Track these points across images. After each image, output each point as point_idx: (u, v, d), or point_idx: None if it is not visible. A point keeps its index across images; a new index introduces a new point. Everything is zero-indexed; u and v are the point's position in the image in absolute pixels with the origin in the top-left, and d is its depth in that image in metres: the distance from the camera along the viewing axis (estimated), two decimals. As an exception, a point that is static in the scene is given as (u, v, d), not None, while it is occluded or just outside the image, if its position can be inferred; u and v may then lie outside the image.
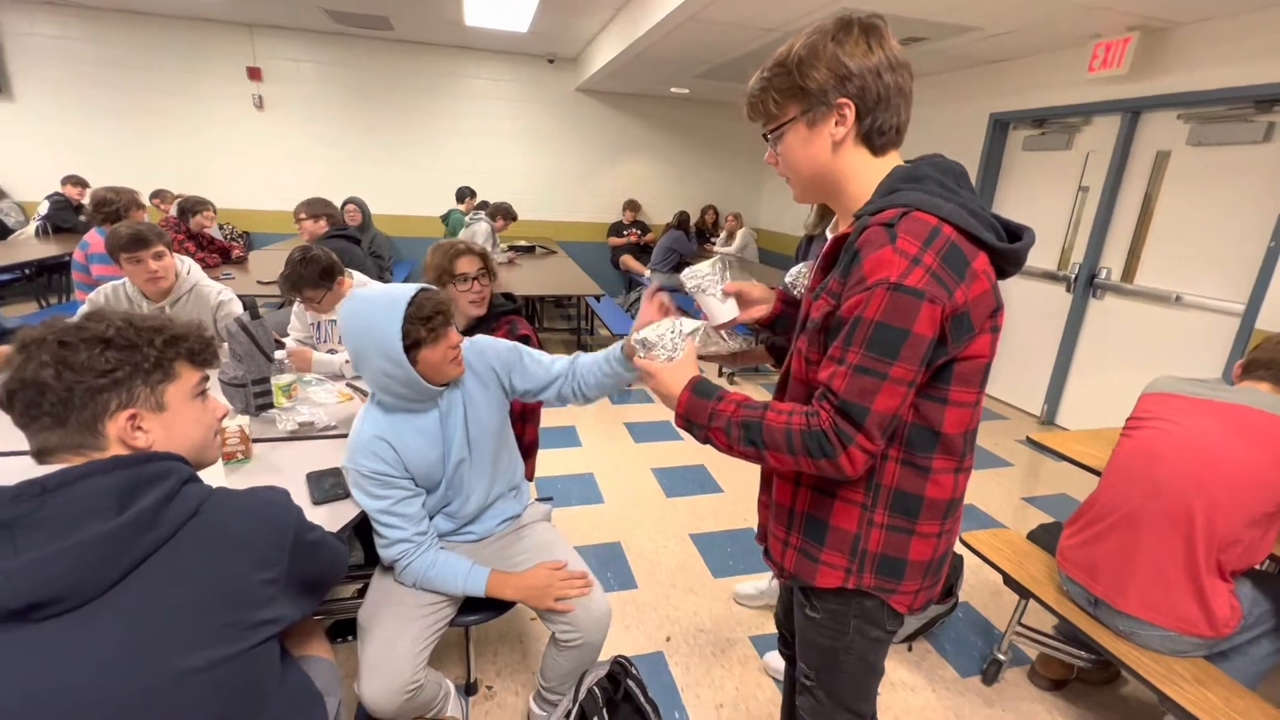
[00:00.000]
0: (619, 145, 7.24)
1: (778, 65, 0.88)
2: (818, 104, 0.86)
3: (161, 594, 0.71)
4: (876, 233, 0.80)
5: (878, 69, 0.83)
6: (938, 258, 0.78)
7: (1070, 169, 4.03)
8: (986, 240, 0.83)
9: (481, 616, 1.50)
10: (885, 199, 0.84)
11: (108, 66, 5.67)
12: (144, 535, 0.71)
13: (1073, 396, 4.07)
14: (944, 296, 0.78)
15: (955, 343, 0.82)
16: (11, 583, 0.64)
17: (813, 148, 0.89)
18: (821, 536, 0.96)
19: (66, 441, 0.77)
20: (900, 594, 0.96)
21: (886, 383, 0.79)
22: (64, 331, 0.77)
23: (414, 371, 1.25)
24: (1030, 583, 1.74)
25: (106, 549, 0.69)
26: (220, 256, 4.42)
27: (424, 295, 1.26)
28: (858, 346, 0.80)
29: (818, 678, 1.08)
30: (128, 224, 2.08)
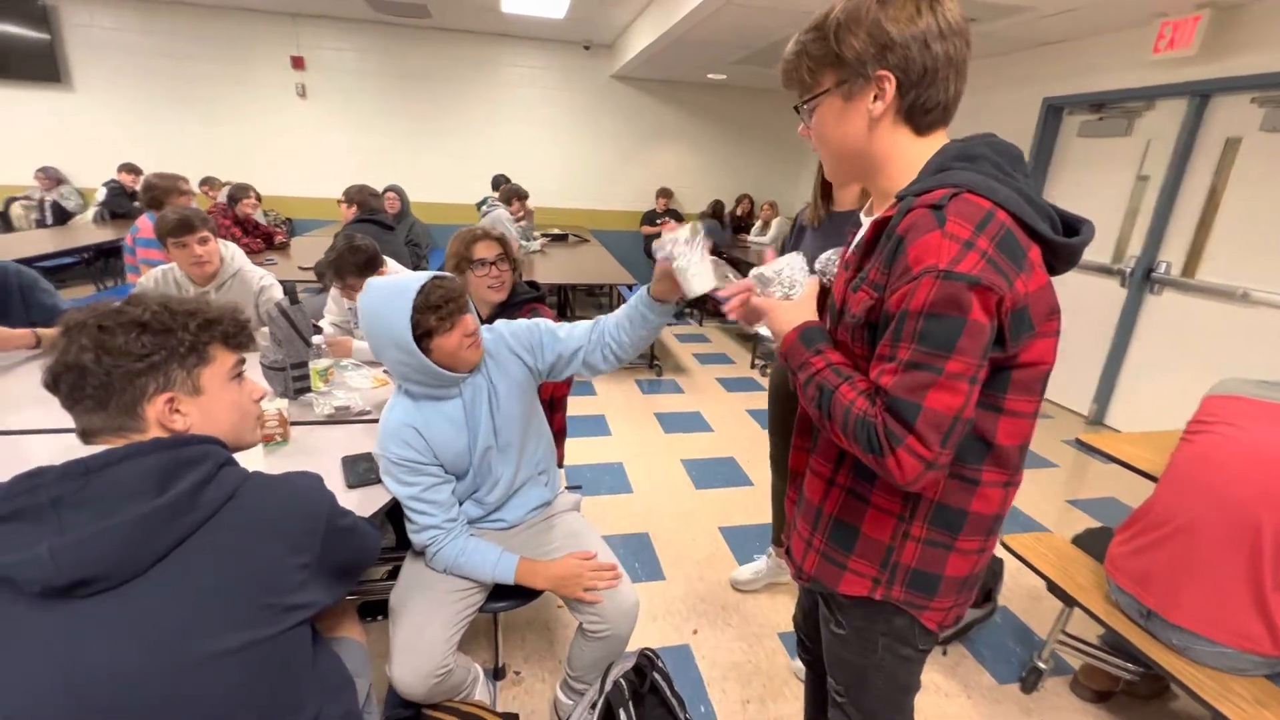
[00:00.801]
0: (654, 133, 7.18)
1: (815, 29, 0.80)
2: (855, 75, 0.77)
3: (197, 576, 0.73)
4: (923, 216, 0.71)
5: (924, 37, 0.74)
6: (992, 244, 0.70)
7: (1129, 156, 3.82)
8: (1042, 232, 0.74)
9: (510, 604, 1.50)
10: (934, 178, 0.76)
11: (160, 57, 5.86)
12: (182, 518, 0.72)
13: (1124, 396, 3.89)
14: (1003, 285, 0.69)
15: (1014, 342, 0.74)
16: (56, 561, 0.66)
17: (847, 124, 0.81)
18: (850, 543, 0.90)
19: (108, 424, 0.78)
20: (932, 610, 0.90)
21: (942, 379, 0.70)
22: (104, 316, 0.78)
23: (427, 360, 1.24)
24: (1076, 590, 1.67)
25: (146, 530, 0.70)
26: (264, 242, 4.54)
27: (434, 284, 1.24)
28: (908, 342, 0.72)
29: (848, 694, 1.03)
30: (175, 209, 2.14)
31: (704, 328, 5.97)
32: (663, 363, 4.70)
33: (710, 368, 4.75)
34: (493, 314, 1.82)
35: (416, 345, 1.22)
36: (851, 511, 0.89)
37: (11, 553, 0.66)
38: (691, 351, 5.17)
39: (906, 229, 0.73)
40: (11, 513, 0.68)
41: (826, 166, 0.91)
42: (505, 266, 1.80)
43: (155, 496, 0.72)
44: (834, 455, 0.91)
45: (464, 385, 1.34)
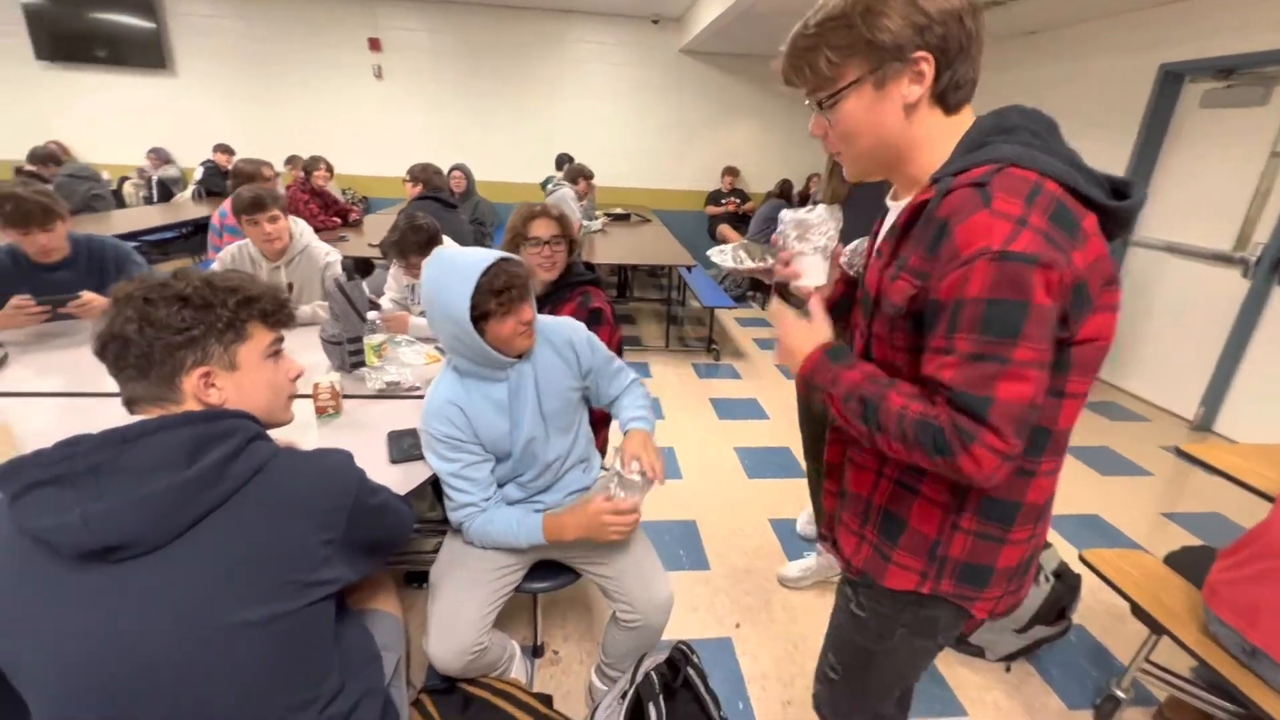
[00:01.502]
0: (722, 109, 6.98)
1: (833, 17, 0.73)
2: (890, 60, 0.72)
3: (222, 548, 0.74)
4: (966, 195, 0.67)
5: (959, 13, 0.71)
6: (1045, 217, 0.65)
7: (1262, 129, 3.36)
8: (1095, 198, 0.70)
9: (547, 585, 1.50)
10: (970, 156, 0.72)
11: (252, 42, 6.19)
12: (209, 490, 0.74)
13: (1239, 401, 3.48)
14: (1061, 261, 0.65)
15: (1075, 319, 0.70)
16: (88, 526, 0.68)
17: (879, 113, 0.76)
18: (896, 535, 0.87)
19: (148, 393, 0.81)
20: (982, 601, 0.87)
21: (1010, 368, 0.66)
22: (150, 288, 0.81)
23: (481, 340, 1.23)
24: (1165, 617, 1.50)
25: (174, 500, 0.72)
26: (340, 219, 4.74)
27: (501, 265, 1.22)
28: (966, 332, 0.67)
29: (845, 674, 1.02)
30: (250, 187, 2.25)
31: (766, 311, 5.80)
32: (721, 347, 4.60)
33: (770, 353, 4.61)
34: (544, 293, 1.80)
35: (473, 325, 1.21)
36: (900, 502, 0.86)
37: (49, 516, 0.69)
38: (752, 336, 5.04)
39: (950, 211, 0.68)
40: (52, 478, 0.71)
41: (852, 165, 0.84)
42: (560, 247, 1.76)
43: (185, 468, 0.73)
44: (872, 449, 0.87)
45: (511, 370, 1.33)
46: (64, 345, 1.98)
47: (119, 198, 6.07)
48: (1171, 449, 3.36)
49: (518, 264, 1.25)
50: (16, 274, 1.96)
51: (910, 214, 0.75)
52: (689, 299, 5.83)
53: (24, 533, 0.70)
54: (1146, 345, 3.96)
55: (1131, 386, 4.07)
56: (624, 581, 1.41)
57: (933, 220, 0.70)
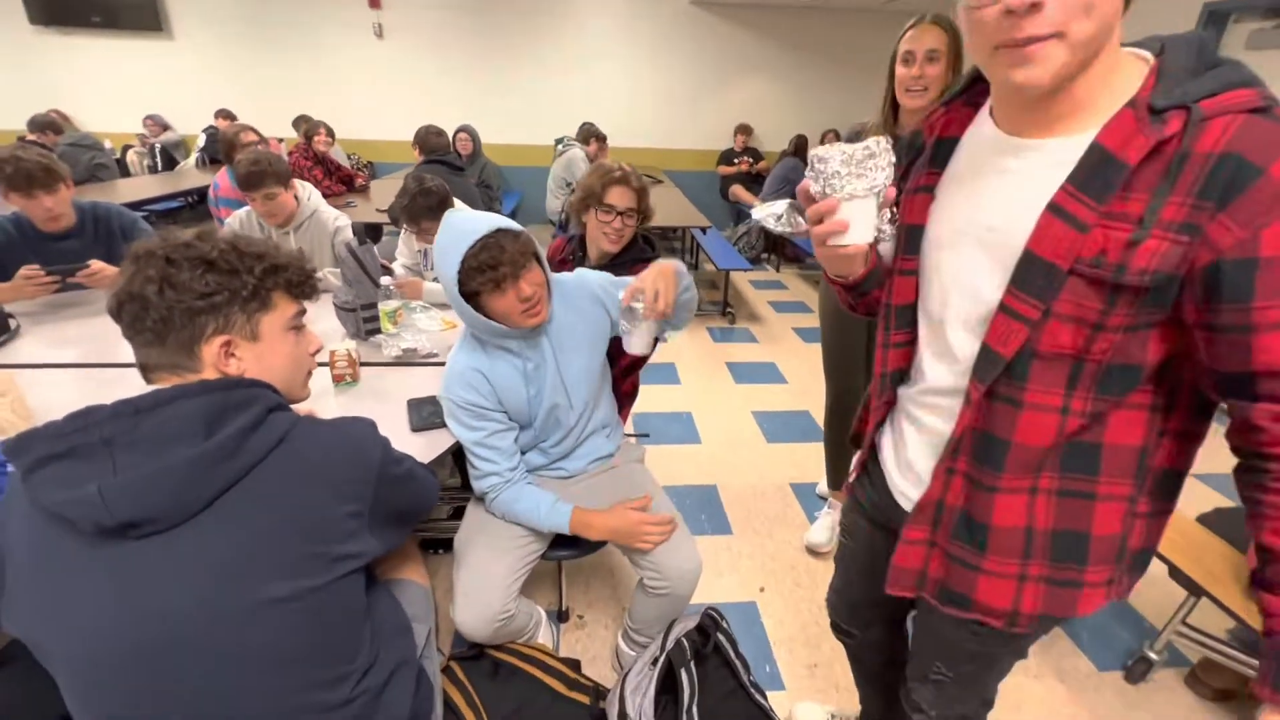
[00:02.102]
0: (733, 64, 6.73)
1: None
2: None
3: (245, 522, 0.71)
4: (1263, 126, 0.54)
5: None
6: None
7: (1312, 71, 3.17)
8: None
9: (571, 553, 1.48)
10: (1208, 77, 0.57)
11: (246, 2, 5.99)
12: (228, 462, 0.70)
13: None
14: None
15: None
16: (106, 501, 0.65)
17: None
18: (1083, 554, 0.73)
19: (165, 360, 0.77)
20: (1132, 585, 0.79)
21: None
22: (173, 249, 0.77)
23: (477, 315, 1.19)
24: (1207, 580, 1.46)
25: (193, 474, 0.68)
26: (345, 185, 4.65)
27: (489, 240, 1.13)
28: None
29: (959, 676, 0.92)
30: (245, 161, 2.12)
31: (781, 274, 5.70)
32: (736, 310, 4.53)
33: (786, 316, 4.54)
34: (600, 264, 1.69)
35: (465, 300, 1.16)
36: (1075, 516, 0.73)
37: (65, 490, 0.66)
38: (767, 299, 4.95)
39: (1248, 146, 0.54)
40: (66, 450, 0.67)
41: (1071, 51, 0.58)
42: (631, 221, 1.63)
43: (203, 440, 0.70)
44: (1032, 458, 0.72)
45: (527, 340, 1.28)
46: (76, 315, 1.95)
47: (123, 167, 6.00)
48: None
49: (513, 237, 1.16)
50: (23, 244, 1.92)
51: (1146, 155, 0.58)
52: (702, 262, 5.73)
53: (40, 508, 0.68)
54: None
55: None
56: (653, 550, 1.38)
57: (1207, 158, 0.56)
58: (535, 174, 6.57)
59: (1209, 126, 0.56)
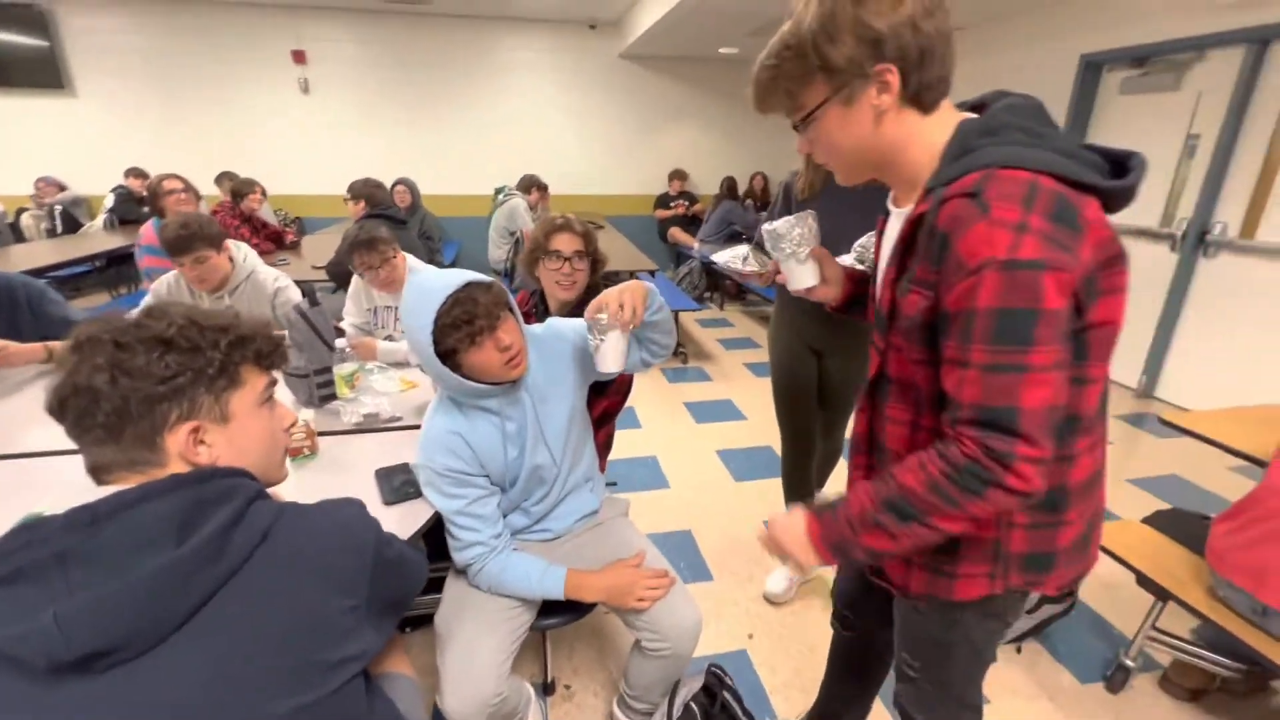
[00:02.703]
0: (664, 112, 6.99)
1: (785, 48, 0.75)
2: (852, 79, 0.73)
3: (232, 636, 0.62)
4: (961, 206, 0.68)
5: (913, 20, 0.70)
6: (1046, 218, 0.65)
7: (1177, 112, 3.60)
8: (1093, 183, 0.69)
9: (562, 619, 1.40)
10: (959, 163, 0.72)
11: (160, 57, 5.76)
12: (209, 568, 0.62)
13: (1176, 368, 3.70)
14: (1069, 261, 0.65)
15: (1086, 307, 0.70)
16: (64, 630, 0.55)
17: (855, 125, 0.77)
18: (954, 550, 0.85)
19: (121, 457, 0.67)
20: (1051, 579, 0.86)
21: (1028, 375, 0.66)
22: (121, 331, 0.68)
23: (455, 376, 1.12)
24: (1172, 584, 1.53)
25: (168, 587, 0.59)
26: (274, 243, 4.45)
27: (459, 295, 1.08)
28: (980, 343, 0.67)
29: (923, 669, 1.00)
30: (173, 224, 1.97)
31: (725, 311, 5.82)
32: (688, 349, 4.57)
33: (736, 353, 4.61)
34: (561, 314, 1.64)
35: (442, 361, 1.10)
36: None
37: (12, 623, 0.55)
38: (715, 337, 5.03)
39: (949, 223, 0.69)
40: (11, 573, 0.58)
41: (841, 173, 0.85)
42: (581, 265, 1.60)
43: (176, 545, 0.61)
44: None
45: (506, 396, 1.23)
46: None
47: (16, 231, 5.53)
48: (1123, 417, 3.54)
49: (484, 288, 1.11)
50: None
51: (911, 226, 0.75)
52: (648, 304, 5.78)
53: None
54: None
55: (1077, 360, 4.27)
56: (649, 609, 1.32)
57: (934, 232, 0.71)
58: (473, 224, 6.52)
59: (946, 207, 0.69)
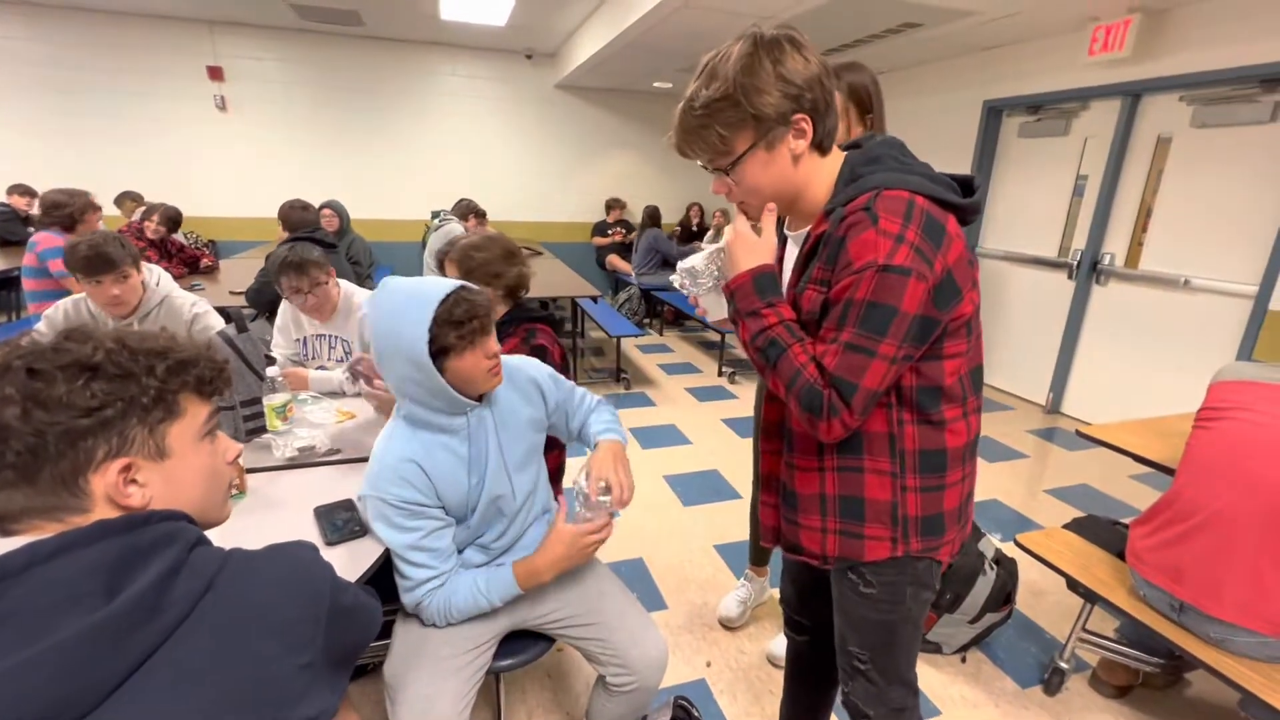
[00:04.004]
0: (600, 142, 7.08)
1: (718, 101, 0.85)
2: (775, 126, 0.86)
3: (172, 702, 0.54)
4: (858, 217, 0.82)
5: (820, 77, 0.85)
6: (919, 232, 0.81)
7: (1068, 155, 3.99)
8: (952, 200, 0.87)
9: (518, 660, 1.33)
10: (852, 187, 0.87)
11: (55, 67, 5.32)
12: (144, 626, 0.54)
13: (1078, 385, 4.03)
14: (928, 271, 0.81)
15: (945, 310, 0.85)
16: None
17: (775, 168, 0.89)
18: (860, 512, 0.97)
19: (36, 504, 0.58)
20: (944, 545, 1.00)
21: (875, 360, 0.83)
22: (35, 356, 0.59)
23: (441, 380, 1.08)
24: (1099, 586, 1.64)
25: (94, 650, 0.51)
26: (187, 267, 4.14)
27: (460, 295, 1.09)
28: (850, 326, 0.83)
29: (873, 657, 1.07)
30: (88, 241, 1.81)
31: (665, 337, 5.88)
32: (630, 375, 4.57)
33: (678, 378, 4.65)
34: None
35: (431, 361, 1.06)
36: (852, 484, 0.96)
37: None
38: (656, 362, 5.06)
39: (846, 229, 0.83)
40: None
41: (755, 208, 0.94)
42: None
43: (104, 601, 0.53)
44: (813, 447, 0.98)
45: (470, 416, 1.18)
46: None
47: None
48: (1035, 432, 3.81)
49: (479, 292, 1.13)
50: None
51: (814, 242, 0.90)
52: (589, 329, 5.77)
53: None
54: (1001, 343, 4.50)
55: (993, 381, 4.58)
56: (613, 640, 1.28)
57: (831, 240, 0.85)
58: (405, 248, 6.33)
59: (846, 220, 0.84)
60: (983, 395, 1.01)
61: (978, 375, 0.97)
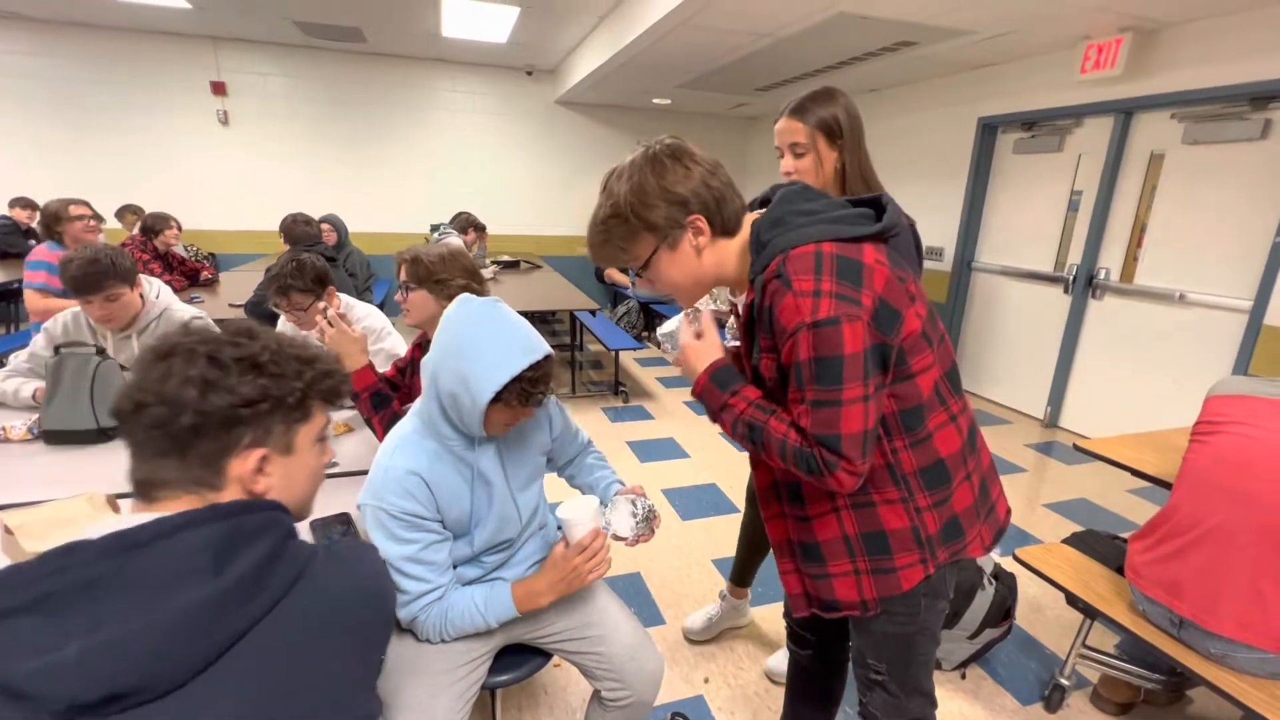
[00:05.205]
0: (599, 157, 7.13)
1: (610, 218, 0.93)
2: (671, 230, 0.92)
3: (256, 684, 0.57)
4: (775, 286, 0.86)
5: (703, 181, 0.91)
6: (834, 280, 0.84)
7: (1062, 171, 4.03)
8: (862, 234, 0.89)
9: (514, 675, 1.32)
10: (761, 256, 0.91)
11: (61, 82, 5.37)
12: (245, 604, 0.58)
13: (1076, 399, 4.04)
14: (857, 310, 0.83)
15: (893, 334, 0.87)
16: (87, 668, 0.50)
17: (682, 262, 0.95)
18: (885, 546, 0.97)
19: (181, 476, 0.65)
20: (973, 542, 1.01)
21: (844, 408, 0.84)
22: (217, 347, 0.67)
23: (480, 418, 1.07)
24: (1098, 602, 1.63)
25: (200, 622, 0.55)
26: (188, 279, 4.15)
27: (545, 362, 1.09)
28: (808, 385, 0.86)
29: (890, 670, 1.07)
30: (79, 259, 1.78)
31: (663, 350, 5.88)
32: (628, 388, 4.57)
33: (676, 391, 4.65)
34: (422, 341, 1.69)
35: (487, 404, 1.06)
36: (869, 520, 0.97)
37: (30, 657, 0.50)
38: (654, 375, 5.07)
39: (769, 301, 0.87)
40: (33, 601, 0.52)
41: (682, 297, 1.01)
42: (409, 294, 1.60)
43: (212, 577, 0.57)
44: (819, 493, 0.99)
45: (483, 444, 1.19)
46: None
47: None
48: (1033, 446, 3.81)
49: (550, 359, 1.12)
50: None
51: (747, 312, 0.95)
52: (587, 343, 5.78)
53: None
54: (998, 357, 4.51)
55: (991, 395, 4.59)
56: (610, 655, 1.27)
57: (763, 310, 0.89)
58: (405, 262, 6.35)
59: (765, 289, 0.88)
60: (964, 394, 1.02)
61: (954, 377, 0.99)
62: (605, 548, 1.22)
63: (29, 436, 1.62)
